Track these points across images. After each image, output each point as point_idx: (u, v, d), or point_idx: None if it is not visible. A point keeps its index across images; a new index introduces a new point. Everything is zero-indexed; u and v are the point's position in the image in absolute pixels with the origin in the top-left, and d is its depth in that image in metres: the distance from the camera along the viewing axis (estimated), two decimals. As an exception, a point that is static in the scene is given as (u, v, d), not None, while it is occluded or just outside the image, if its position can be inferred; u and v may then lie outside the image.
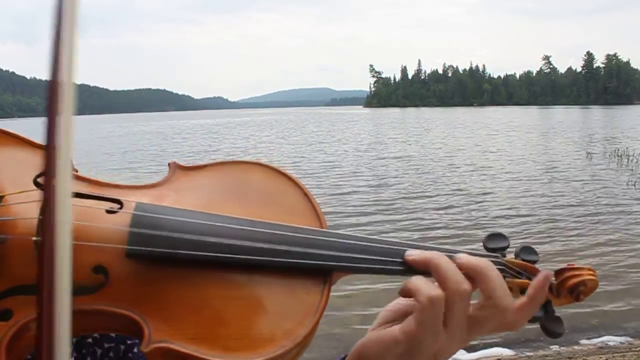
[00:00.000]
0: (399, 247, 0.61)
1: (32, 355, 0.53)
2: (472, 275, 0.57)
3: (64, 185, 0.42)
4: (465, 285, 0.55)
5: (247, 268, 0.56)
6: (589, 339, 5.18)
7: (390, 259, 0.60)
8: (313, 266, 0.57)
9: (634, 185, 13.20)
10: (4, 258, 0.51)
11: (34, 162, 0.60)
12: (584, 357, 4.69)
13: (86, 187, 0.59)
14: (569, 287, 0.68)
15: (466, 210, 10.85)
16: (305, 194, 0.64)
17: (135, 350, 0.73)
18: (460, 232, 9.05)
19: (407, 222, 9.90)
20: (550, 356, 4.82)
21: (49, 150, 0.41)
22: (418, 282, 0.55)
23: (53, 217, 0.41)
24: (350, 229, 8.97)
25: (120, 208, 0.56)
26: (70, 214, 0.42)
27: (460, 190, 13.16)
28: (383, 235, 8.49)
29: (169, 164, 0.66)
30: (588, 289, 0.68)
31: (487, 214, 10.43)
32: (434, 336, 0.55)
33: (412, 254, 0.58)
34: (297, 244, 0.58)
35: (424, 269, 0.57)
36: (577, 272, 0.68)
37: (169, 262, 0.55)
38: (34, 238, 0.51)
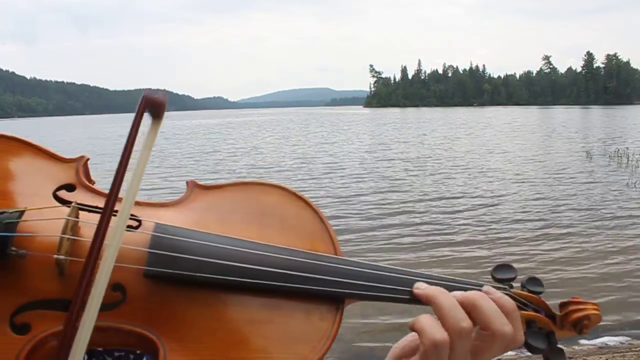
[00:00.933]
0: (409, 277, 0.62)
1: None
2: (467, 309, 0.57)
3: (122, 216, 0.44)
4: (465, 323, 0.56)
5: (263, 293, 0.56)
6: (589, 339, 5.18)
7: (401, 288, 0.61)
8: (328, 293, 0.58)
9: (634, 185, 13.20)
10: (23, 273, 0.52)
11: (52, 174, 0.60)
12: (584, 357, 4.70)
13: (104, 201, 0.58)
14: (573, 320, 0.68)
15: (474, 214, 10.83)
16: (322, 220, 0.65)
17: None
18: (468, 237, 9.05)
19: (414, 227, 9.75)
20: (550, 356, 4.82)
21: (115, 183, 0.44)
22: (424, 323, 0.56)
23: (101, 241, 0.43)
24: (358, 234, 8.96)
25: (139, 226, 0.57)
26: (120, 240, 0.45)
27: (467, 193, 13.15)
28: (393, 241, 8.46)
29: (187, 182, 0.66)
30: (592, 322, 0.68)
31: (494, 216, 10.41)
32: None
33: (419, 288, 0.59)
34: (313, 272, 0.58)
35: (428, 304, 0.58)
36: (581, 307, 0.68)
37: (186, 283, 0.55)
38: (56, 256, 0.51)
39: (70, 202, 0.57)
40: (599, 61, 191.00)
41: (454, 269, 7.15)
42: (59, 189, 0.59)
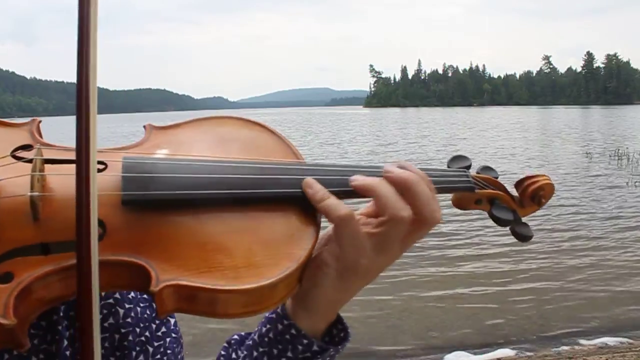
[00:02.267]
0: (365, 170, 0.63)
1: (39, 318, 0.54)
2: (403, 190, 0.58)
3: (93, 145, 0.45)
4: (405, 212, 0.57)
5: (241, 202, 0.57)
6: (589, 339, 5.19)
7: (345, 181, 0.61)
8: (300, 194, 0.59)
9: (634, 185, 13.20)
10: None
11: (6, 138, 0.61)
12: (584, 357, 4.70)
13: (63, 153, 0.59)
14: (530, 194, 0.71)
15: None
16: (281, 138, 0.68)
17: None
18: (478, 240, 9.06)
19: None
20: (550, 356, 4.83)
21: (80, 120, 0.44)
22: (331, 202, 0.57)
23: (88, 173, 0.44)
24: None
25: (105, 167, 0.57)
26: (95, 172, 0.46)
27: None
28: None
29: (144, 127, 0.66)
30: (546, 192, 0.72)
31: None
32: (358, 251, 0.58)
33: (357, 180, 0.59)
34: (284, 173, 0.60)
35: (367, 195, 0.59)
36: (534, 180, 0.72)
37: (165, 204, 0.55)
38: (30, 193, 0.51)
39: (30, 159, 0.56)
40: (599, 61, 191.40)
41: (457, 269, 7.16)
42: (16, 149, 0.59)
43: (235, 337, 0.75)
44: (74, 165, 0.51)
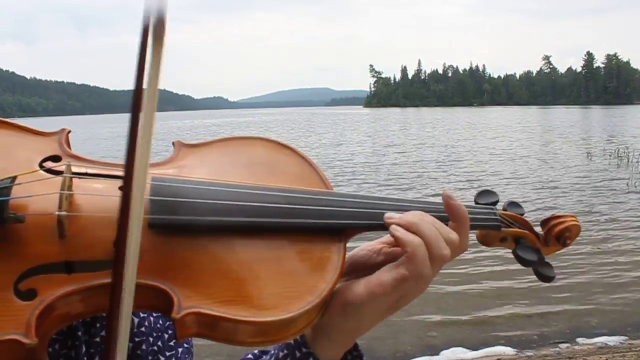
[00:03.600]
0: (398, 204, 0.64)
1: (58, 333, 0.56)
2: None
3: (143, 160, 0.44)
4: (446, 251, 0.58)
5: (267, 231, 0.57)
6: (589, 339, 5.18)
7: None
8: (329, 226, 0.59)
9: (634, 185, 13.20)
10: (22, 238, 0.51)
11: (35, 147, 0.60)
12: (584, 357, 4.70)
13: (92, 167, 0.59)
14: (555, 234, 0.70)
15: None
16: (308, 162, 0.67)
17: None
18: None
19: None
20: (550, 356, 4.83)
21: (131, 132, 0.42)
22: (419, 250, 0.57)
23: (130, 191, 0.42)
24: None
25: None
26: (143, 192, 0.44)
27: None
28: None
29: (173, 143, 0.66)
30: (573, 234, 0.71)
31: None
32: (420, 281, 0.58)
33: (392, 218, 0.60)
34: (312, 205, 0.59)
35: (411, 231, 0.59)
36: (561, 220, 0.71)
37: (190, 230, 0.54)
38: (57, 213, 0.50)
39: (59, 170, 0.56)
40: (599, 61, 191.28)
41: (457, 268, 7.16)
42: (44, 160, 0.58)
43: (250, 356, 0.75)
44: (103, 182, 0.51)
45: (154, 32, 0.46)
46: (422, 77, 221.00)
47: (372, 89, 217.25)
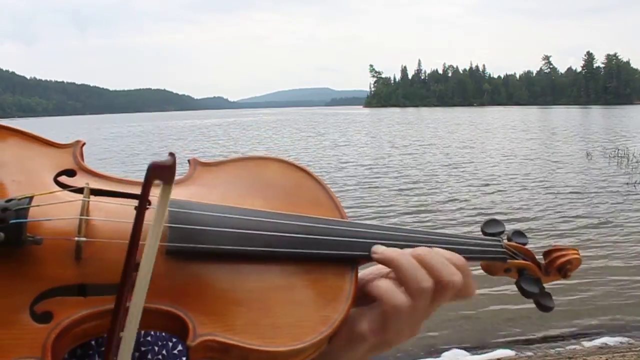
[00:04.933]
0: (409, 235, 0.65)
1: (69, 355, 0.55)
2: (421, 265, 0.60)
3: (163, 199, 0.44)
4: (426, 283, 0.58)
5: (281, 260, 0.58)
6: (589, 339, 5.19)
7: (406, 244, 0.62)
8: (342, 256, 0.60)
9: (634, 185, 13.20)
10: (39, 260, 0.50)
11: (49, 160, 0.59)
12: (584, 357, 4.70)
13: (108, 184, 0.58)
14: (557, 266, 0.73)
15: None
16: (323, 187, 0.67)
17: (180, 348, 0.74)
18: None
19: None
20: (550, 356, 4.83)
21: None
22: (383, 288, 0.58)
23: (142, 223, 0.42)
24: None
25: (150, 205, 0.54)
26: (162, 221, 0.45)
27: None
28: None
29: (189, 161, 0.65)
30: (573, 267, 0.73)
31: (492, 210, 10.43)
32: (400, 329, 0.58)
33: (376, 252, 0.60)
34: (327, 234, 0.60)
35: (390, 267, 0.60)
36: (563, 253, 0.73)
37: (207, 257, 0.55)
38: (77, 238, 0.50)
39: (72, 187, 0.56)
40: (599, 61, 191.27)
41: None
42: (59, 174, 0.58)
43: None
44: (120, 202, 0.52)
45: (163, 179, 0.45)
46: (422, 77, 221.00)
47: (372, 89, 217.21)
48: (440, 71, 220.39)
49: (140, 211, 0.42)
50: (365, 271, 0.66)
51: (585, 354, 4.79)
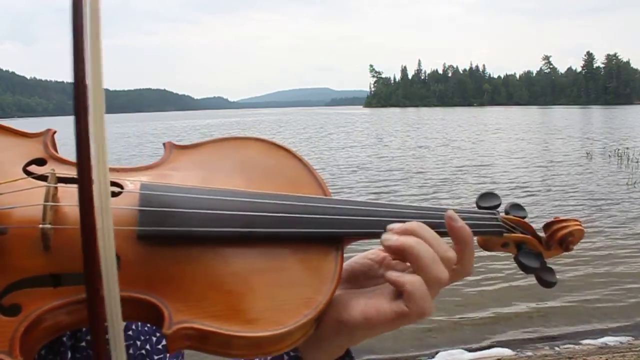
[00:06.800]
0: (395, 210, 0.62)
1: (46, 349, 0.54)
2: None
3: (103, 174, 0.41)
4: (444, 274, 0.56)
5: (261, 241, 0.55)
6: (589, 339, 5.18)
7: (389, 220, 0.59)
8: (325, 234, 0.57)
9: (634, 185, 13.19)
10: (4, 251, 0.48)
11: (19, 150, 0.57)
12: (584, 357, 4.69)
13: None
14: (558, 239, 0.69)
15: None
16: (305, 165, 0.64)
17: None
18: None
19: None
20: (550, 356, 4.82)
21: (81, 142, 0.40)
22: (418, 291, 0.54)
23: (93, 204, 0.40)
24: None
25: (121, 191, 0.53)
26: (108, 200, 0.42)
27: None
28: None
29: (164, 144, 0.63)
30: (576, 238, 0.70)
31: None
32: (422, 316, 0.55)
33: (390, 239, 0.57)
34: (307, 213, 0.57)
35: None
36: (564, 224, 0.70)
37: (181, 241, 0.53)
38: (41, 226, 0.48)
39: (35, 174, 0.54)
40: (599, 61, 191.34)
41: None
42: (28, 164, 0.56)
43: None
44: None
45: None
46: (422, 77, 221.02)
47: (372, 89, 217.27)
48: (440, 71, 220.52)
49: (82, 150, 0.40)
50: (354, 258, 0.65)
51: (585, 354, 4.78)
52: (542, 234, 0.71)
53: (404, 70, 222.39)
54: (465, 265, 0.60)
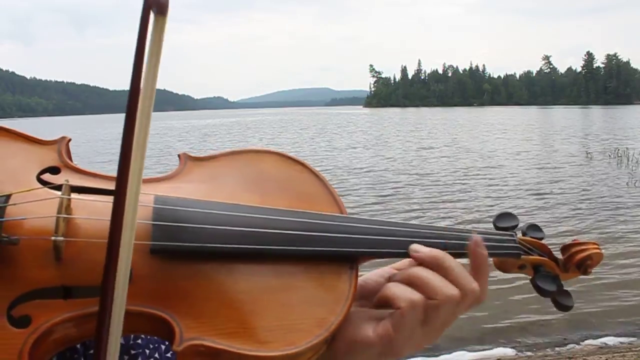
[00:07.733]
0: (414, 230, 0.60)
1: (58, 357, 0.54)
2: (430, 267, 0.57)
3: (134, 189, 0.41)
4: (475, 284, 0.55)
5: (274, 258, 0.54)
6: (589, 339, 5.19)
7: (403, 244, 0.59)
8: (340, 253, 0.56)
9: (634, 185, 13.20)
10: (16, 262, 0.48)
11: (33, 157, 0.56)
12: (584, 357, 4.70)
13: (93, 181, 0.55)
14: (577, 262, 0.67)
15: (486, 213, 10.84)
16: (322, 181, 0.63)
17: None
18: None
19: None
20: (550, 356, 4.83)
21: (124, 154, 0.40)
22: (395, 290, 0.54)
23: (121, 219, 0.40)
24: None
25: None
26: (135, 217, 0.42)
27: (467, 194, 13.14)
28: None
29: (179, 156, 0.62)
30: (594, 262, 0.68)
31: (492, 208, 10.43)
32: (411, 336, 0.54)
33: (418, 252, 0.57)
34: (322, 231, 0.56)
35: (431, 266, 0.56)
36: (583, 247, 0.67)
37: (194, 256, 0.52)
38: (53, 238, 0.48)
39: (52, 184, 0.54)
40: (599, 61, 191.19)
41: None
42: (42, 172, 0.55)
43: None
44: (103, 199, 0.49)
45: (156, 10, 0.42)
46: (422, 77, 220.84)
47: (372, 89, 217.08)
48: (440, 71, 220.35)
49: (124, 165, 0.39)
50: (368, 275, 0.63)
51: (585, 354, 4.79)
52: (559, 255, 0.69)
53: (404, 70, 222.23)
54: (482, 291, 0.58)
